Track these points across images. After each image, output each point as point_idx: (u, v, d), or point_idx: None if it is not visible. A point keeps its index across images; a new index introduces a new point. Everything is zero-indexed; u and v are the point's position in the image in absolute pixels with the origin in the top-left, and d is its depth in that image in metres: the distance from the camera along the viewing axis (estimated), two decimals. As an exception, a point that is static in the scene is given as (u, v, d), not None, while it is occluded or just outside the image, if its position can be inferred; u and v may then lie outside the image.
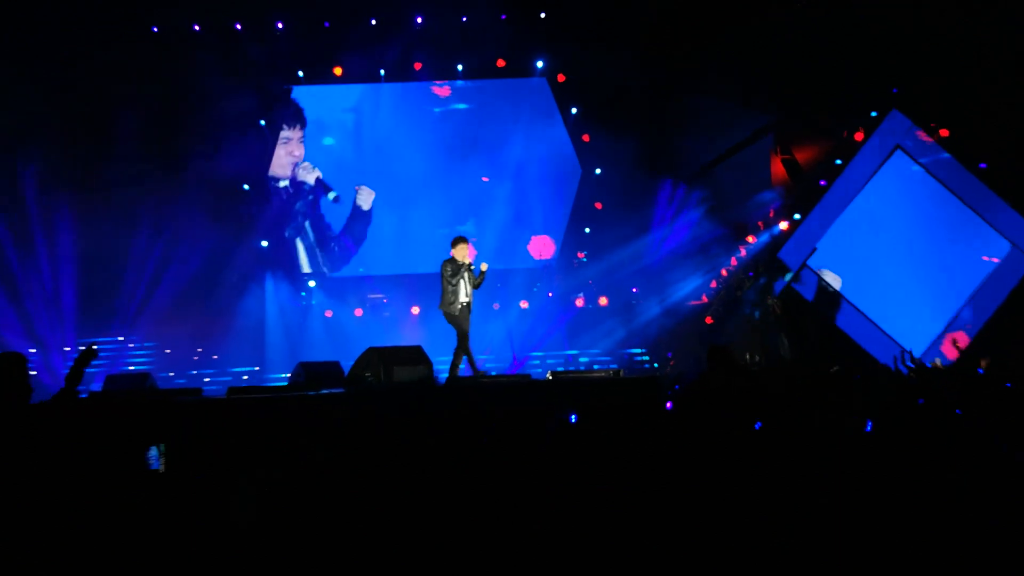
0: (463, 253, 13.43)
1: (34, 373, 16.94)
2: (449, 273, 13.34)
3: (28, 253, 18.44)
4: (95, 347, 7.16)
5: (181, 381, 18.28)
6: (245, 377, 18.76)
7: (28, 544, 5.68)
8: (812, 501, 5.60)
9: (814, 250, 19.69)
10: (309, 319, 19.89)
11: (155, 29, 18.90)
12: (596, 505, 5.73)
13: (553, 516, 5.66)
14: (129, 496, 6.57)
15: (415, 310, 19.50)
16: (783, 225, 19.95)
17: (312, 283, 19.95)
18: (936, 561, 5.08)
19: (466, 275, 13.37)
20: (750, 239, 20.10)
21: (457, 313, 13.34)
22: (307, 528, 5.79)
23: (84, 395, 10.52)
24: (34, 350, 18.16)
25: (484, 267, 13.48)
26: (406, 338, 17.80)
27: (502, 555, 5.50)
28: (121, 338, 18.76)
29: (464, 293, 13.36)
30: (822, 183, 20.09)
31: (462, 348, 13.33)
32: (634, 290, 20.25)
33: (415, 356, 12.01)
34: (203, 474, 7.16)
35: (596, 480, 6.12)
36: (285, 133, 19.85)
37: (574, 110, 20.31)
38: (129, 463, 7.41)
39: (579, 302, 20.23)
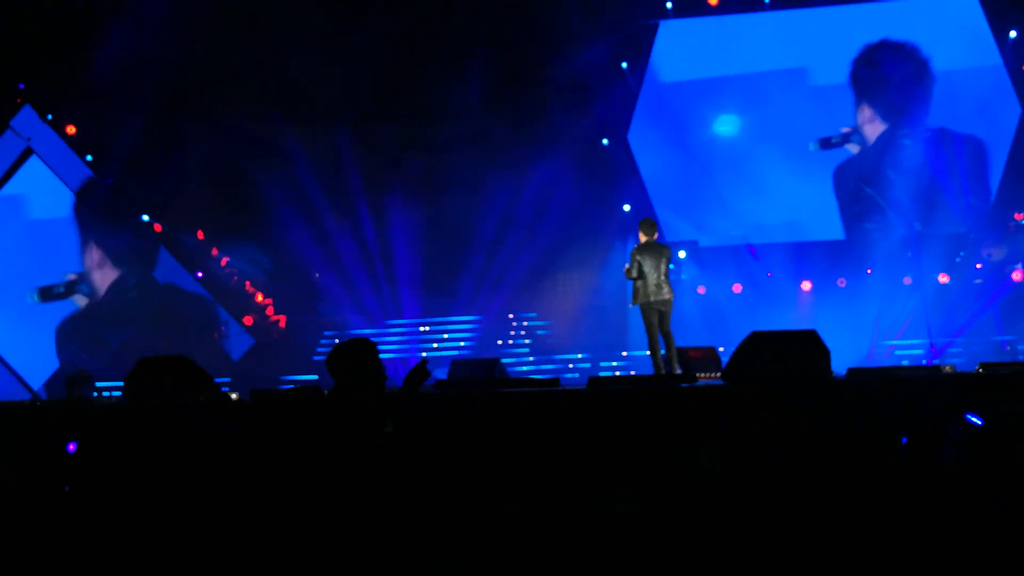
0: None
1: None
2: None
3: (380, 225, 19.75)
4: (427, 363, 7.43)
5: (533, 368, 18.90)
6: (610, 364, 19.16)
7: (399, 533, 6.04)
8: None
9: None
10: (679, 296, 19.93)
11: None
12: None
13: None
14: (488, 497, 6.83)
15: (806, 286, 19.10)
16: None
17: (682, 254, 19.99)
18: None
19: None
20: None
21: None
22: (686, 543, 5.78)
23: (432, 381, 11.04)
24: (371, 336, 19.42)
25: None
26: (796, 320, 17.48)
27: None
28: (468, 318, 19.67)
29: None
30: None
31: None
32: (1091, 261, 18.79)
33: (807, 343, 11.69)
34: (565, 477, 7.32)
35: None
36: None
37: (1013, 33, 19.04)
38: (480, 461, 7.69)
39: (1017, 275, 19.02)
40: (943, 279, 19.10)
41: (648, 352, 13.77)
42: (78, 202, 20.70)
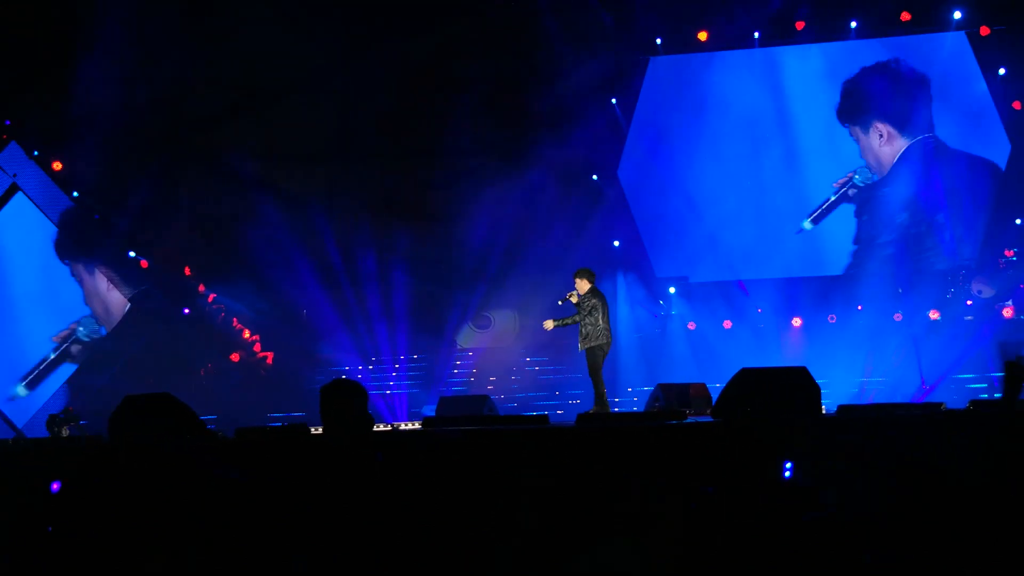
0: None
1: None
2: None
3: (361, 263, 19.76)
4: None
5: (523, 405, 18.88)
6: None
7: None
8: None
9: None
10: (668, 332, 19.96)
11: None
12: None
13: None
14: (468, 534, 6.81)
15: (797, 322, 19.11)
16: None
17: (672, 289, 20.00)
18: None
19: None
20: None
21: None
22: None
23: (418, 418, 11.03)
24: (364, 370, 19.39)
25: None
26: (786, 356, 17.49)
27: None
28: (456, 359, 19.68)
29: None
30: None
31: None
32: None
33: (798, 380, 11.70)
34: (552, 512, 7.30)
35: None
36: None
37: (1002, 70, 19.13)
38: (463, 499, 7.67)
39: (1007, 312, 19.02)
40: (934, 315, 19.11)
41: (595, 391, 13.66)
42: (61, 235, 20.40)
